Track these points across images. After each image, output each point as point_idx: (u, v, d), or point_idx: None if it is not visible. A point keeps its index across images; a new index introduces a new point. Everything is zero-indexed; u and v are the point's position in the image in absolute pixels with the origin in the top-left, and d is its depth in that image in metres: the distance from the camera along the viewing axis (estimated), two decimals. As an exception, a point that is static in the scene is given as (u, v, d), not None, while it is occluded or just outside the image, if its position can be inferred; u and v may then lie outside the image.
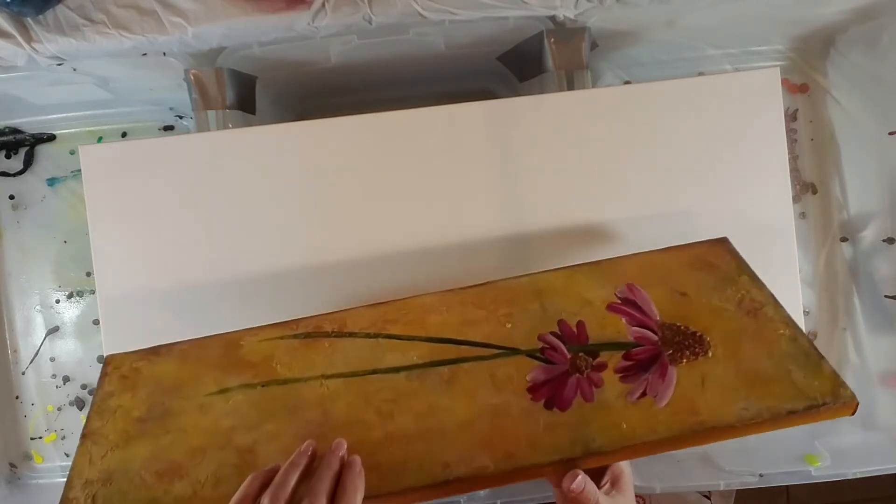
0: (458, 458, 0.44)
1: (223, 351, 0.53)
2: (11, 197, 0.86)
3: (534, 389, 0.47)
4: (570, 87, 0.67)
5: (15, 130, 0.85)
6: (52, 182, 0.86)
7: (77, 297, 0.85)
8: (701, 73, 0.84)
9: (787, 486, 1.17)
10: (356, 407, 0.47)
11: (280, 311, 0.61)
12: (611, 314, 0.51)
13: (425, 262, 0.61)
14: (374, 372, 0.49)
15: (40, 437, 0.85)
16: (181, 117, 0.86)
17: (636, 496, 1.21)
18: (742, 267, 0.53)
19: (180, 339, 0.55)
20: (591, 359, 0.48)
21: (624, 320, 0.50)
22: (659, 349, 0.48)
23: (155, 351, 0.54)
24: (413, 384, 0.48)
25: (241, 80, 0.70)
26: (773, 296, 0.50)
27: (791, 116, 0.85)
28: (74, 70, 0.69)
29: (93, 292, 0.84)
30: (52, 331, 0.85)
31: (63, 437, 0.85)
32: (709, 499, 1.09)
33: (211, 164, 0.61)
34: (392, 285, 0.60)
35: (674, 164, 0.61)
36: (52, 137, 0.86)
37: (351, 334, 0.52)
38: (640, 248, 0.60)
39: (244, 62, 0.68)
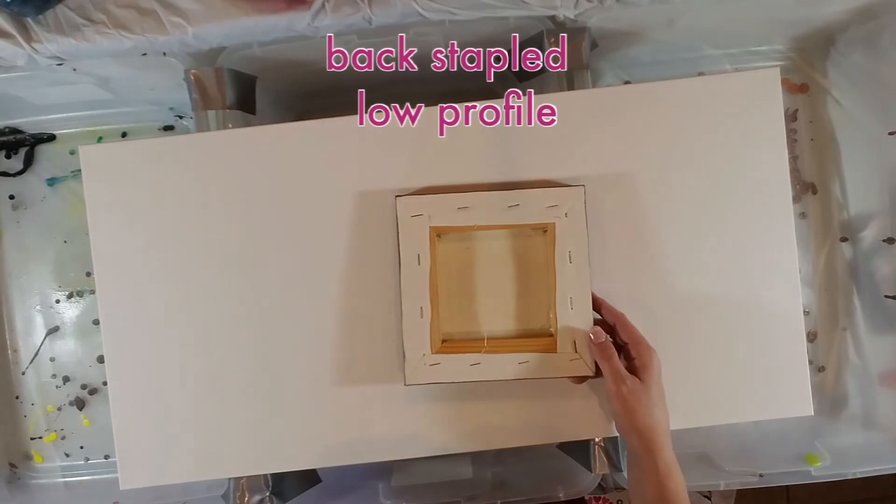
0: None
1: None
2: (11, 197, 0.86)
3: None
4: (571, 87, 0.68)
5: (15, 130, 0.85)
6: (52, 182, 0.86)
7: (77, 297, 0.85)
8: (701, 73, 0.84)
9: (787, 486, 1.17)
10: None
11: (279, 310, 0.61)
12: None
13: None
14: None
15: (40, 437, 0.85)
16: (181, 117, 0.86)
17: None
18: None
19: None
20: None
21: None
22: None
23: None
24: None
25: (241, 80, 0.70)
26: None
27: (791, 116, 0.85)
28: (74, 70, 0.69)
29: (93, 292, 0.84)
30: (52, 331, 0.85)
31: (63, 437, 0.85)
32: (709, 499, 1.09)
33: (211, 164, 0.61)
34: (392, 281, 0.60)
35: (673, 165, 0.61)
36: (52, 137, 0.86)
37: None
38: (638, 247, 0.60)
39: (244, 62, 0.68)
